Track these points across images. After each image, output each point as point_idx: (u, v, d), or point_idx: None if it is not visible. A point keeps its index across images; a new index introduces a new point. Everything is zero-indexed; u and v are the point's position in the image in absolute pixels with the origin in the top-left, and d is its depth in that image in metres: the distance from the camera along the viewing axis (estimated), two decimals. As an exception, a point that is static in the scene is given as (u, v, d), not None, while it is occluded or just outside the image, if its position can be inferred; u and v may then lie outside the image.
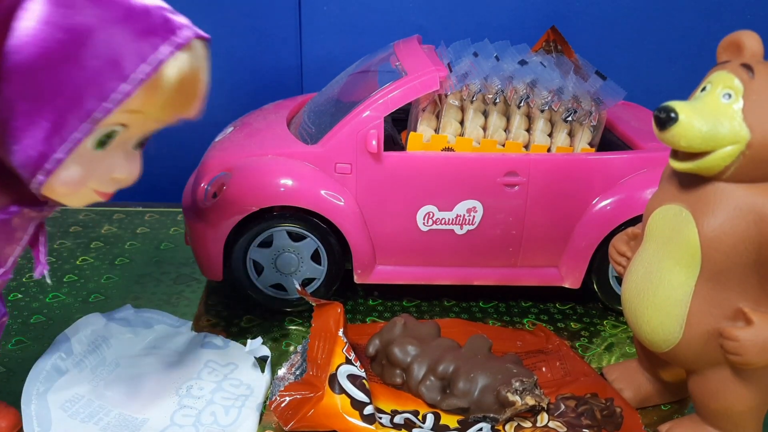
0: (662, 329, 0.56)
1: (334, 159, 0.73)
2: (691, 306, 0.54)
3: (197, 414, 0.61)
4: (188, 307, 0.77)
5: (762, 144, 0.50)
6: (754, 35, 0.54)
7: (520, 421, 0.60)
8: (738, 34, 0.55)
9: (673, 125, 0.51)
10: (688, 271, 0.54)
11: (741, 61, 0.53)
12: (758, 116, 0.51)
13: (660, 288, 0.56)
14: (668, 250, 0.56)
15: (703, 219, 0.53)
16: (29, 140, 0.43)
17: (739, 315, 0.53)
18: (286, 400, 0.61)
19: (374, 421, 0.57)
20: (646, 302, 0.57)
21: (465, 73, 0.74)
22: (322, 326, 0.65)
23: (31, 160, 0.44)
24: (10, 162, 0.45)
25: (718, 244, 0.52)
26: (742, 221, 0.52)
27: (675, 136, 0.51)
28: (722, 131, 0.51)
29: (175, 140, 1.04)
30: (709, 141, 0.51)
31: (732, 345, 0.52)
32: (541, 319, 0.78)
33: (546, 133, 0.74)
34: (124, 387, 0.63)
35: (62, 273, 0.82)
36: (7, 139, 0.44)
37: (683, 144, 0.51)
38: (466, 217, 0.74)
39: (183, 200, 0.80)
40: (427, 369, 0.63)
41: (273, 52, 1.01)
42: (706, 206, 0.53)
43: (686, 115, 0.51)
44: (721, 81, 0.53)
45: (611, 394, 0.63)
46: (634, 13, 0.99)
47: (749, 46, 0.54)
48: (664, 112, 0.51)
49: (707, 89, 0.53)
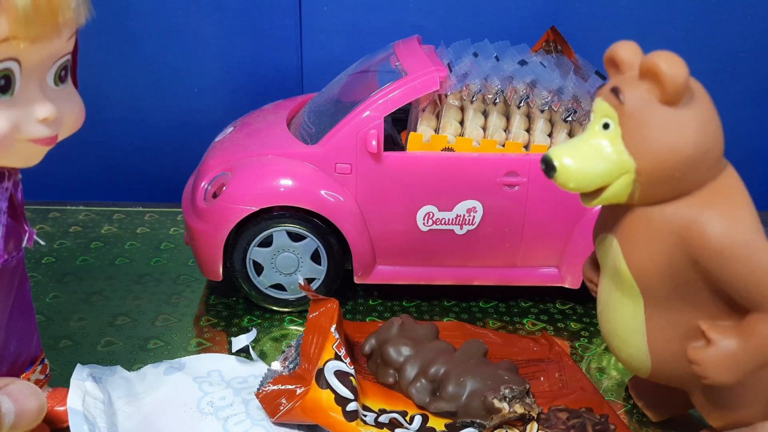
0: (632, 359, 0.54)
1: (334, 159, 0.73)
2: (648, 334, 0.52)
3: (246, 412, 0.60)
4: (188, 307, 0.77)
5: (649, 168, 0.47)
6: (628, 45, 0.50)
7: (509, 429, 0.60)
8: (612, 48, 0.51)
9: (554, 174, 0.49)
10: (634, 300, 0.52)
11: (612, 84, 0.49)
12: (637, 142, 0.47)
13: (617, 320, 0.54)
14: (613, 280, 0.53)
15: (627, 248, 0.51)
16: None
17: (700, 333, 0.51)
18: (274, 391, 0.61)
19: (356, 418, 0.58)
20: (611, 334, 0.55)
21: (465, 73, 0.74)
22: (316, 321, 0.65)
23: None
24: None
25: (647, 272, 0.50)
26: (664, 245, 0.49)
27: (562, 183, 0.49)
28: (605, 167, 0.48)
29: (175, 140, 1.04)
30: (596, 179, 0.48)
31: (696, 368, 0.50)
32: (540, 319, 0.78)
33: (546, 133, 0.74)
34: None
35: (62, 273, 0.82)
36: None
37: (573, 187, 0.49)
38: (466, 217, 0.74)
39: (183, 200, 0.80)
40: (418, 370, 0.63)
41: (273, 52, 1.01)
42: (629, 234, 0.50)
43: (567, 160, 0.48)
44: (599, 110, 0.49)
45: (607, 411, 0.63)
46: (634, 13, 0.99)
47: (625, 61, 0.50)
48: (543, 162, 0.49)
49: (591, 120, 0.50)
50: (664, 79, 0.46)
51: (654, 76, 0.47)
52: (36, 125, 0.46)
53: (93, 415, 0.58)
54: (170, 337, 0.73)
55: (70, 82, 0.49)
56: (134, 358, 0.69)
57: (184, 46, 1.00)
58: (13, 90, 0.44)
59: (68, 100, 0.48)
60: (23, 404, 0.53)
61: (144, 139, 1.04)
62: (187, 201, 0.79)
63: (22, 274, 0.55)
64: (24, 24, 0.43)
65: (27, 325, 0.57)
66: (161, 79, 1.01)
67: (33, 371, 0.58)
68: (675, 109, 0.47)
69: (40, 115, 0.46)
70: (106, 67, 0.99)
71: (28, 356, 0.58)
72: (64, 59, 0.47)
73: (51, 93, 0.47)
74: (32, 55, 0.45)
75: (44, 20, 0.43)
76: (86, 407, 0.58)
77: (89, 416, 0.57)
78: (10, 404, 0.52)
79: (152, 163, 1.05)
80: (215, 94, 1.03)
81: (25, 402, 0.53)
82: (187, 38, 1.00)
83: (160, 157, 1.05)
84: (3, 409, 0.52)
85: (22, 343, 0.56)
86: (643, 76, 0.48)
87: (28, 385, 0.54)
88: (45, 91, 0.46)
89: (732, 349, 0.49)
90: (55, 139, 0.48)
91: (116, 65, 0.99)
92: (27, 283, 0.56)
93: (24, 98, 0.45)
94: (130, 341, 0.72)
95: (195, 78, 1.02)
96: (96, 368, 0.63)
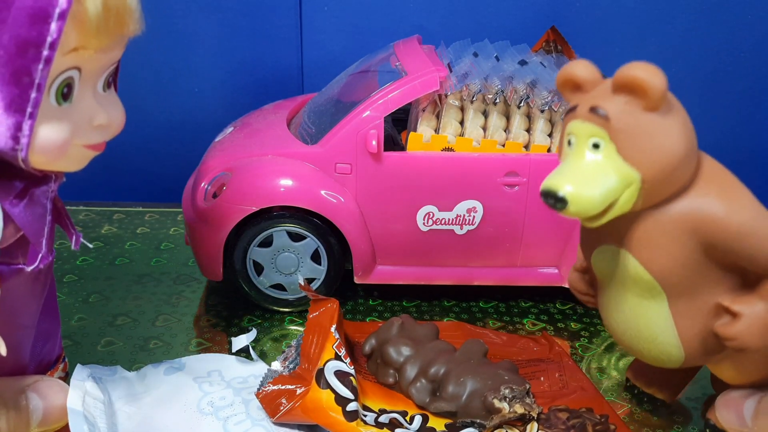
0: (663, 356, 0.55)
1: (334, 159, 0.73)
2: (678, 327, 0.53)
3: (246, 412, 0.60)
4: (188, 308, 0.77)
5: (653, 173, 0.48)
6: (584, 64, 0.51)
7: (509, 429, 0.60)
8: (567, 69, 0.51)
9: (567, 206, 0.48)
10: (656, 301, 0.53)
11: (588, 105, 0.49)
12: (635, 152, 0.48)
13: (641, 323, 0.54)
14: (626, 288, 0.54)
15: (642, 255, 0.51)
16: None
17: (722, 309, 0.52)
18: (274, 391, 0.61)
19: (356, 418, 0.58)
20: (636, 339, 0.55)
21: (465, 73, 0.74)
22: (316, 321, 0.65)
23: (2, 140, 0.43)
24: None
25: (669, 271, 0.51)
26: (679, 242, 0.50)
27: (573, 214, 0.49)
28: (612, 185, 0.48)
29: (175, 140, 1.04)
30: (605, 199, 0.48)
31: (733, 343, 0.52)
32: (541, 319, 0.78)
33: (546, 133, 0.74)
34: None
35: (62, 273, 0.82)
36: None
37: (589, 215, 0.49)
38: (466, 218, 0.74)
39: (183, 200, 0.80)
40: (418, 370, 0.63)
41: (273, 52, 1.01)
42: (640, 242, 0.51)
43: (570, 187, 0.48)
44: (582, 132, 0.49)
45: (607, 411, 0.63)
46: (634, 14, 0.99)
47: (586, 79, 0.50)
48: (551, 198, 0.48)
49: (572, 144, 0.50)
50: (648, 88, 0.47)
51: (634, 88, 0.47)
52: (91, 131, 0.47)
53: (93, 415, 0.58)
54: (170, 337, 0.73)
55: (113, 87, 0.50)
56: (134, 358, 0.69)
57: (184, 46, 1.00)
58: (72, 98, 0.46)
59: (114, 105, 0.49)
60: (51, 401, 0.54)
61: (144, 139, 1.04)
62: (187, 201, 0.79)
63: (51, 276, 0.56)
64: (95, 35, 0.44)
65: (53, 325, 0.58)
66: (161, 79, 1.01)
67: (57, 369, 0.59)
68: (658, 114, 0.48)
69: (96, 122, 0.47)
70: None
71: (53, 355, 0.58)
72: (114, 66, 0.49)
73: (100, 99, 0.48)
74: (93, 64, 0.46)
75: (113, 32, 0.45)
76: (86, 407, 0.58)
77: (89, 416, 0.57)
78: (38, 401, 0.53)
79: (152, 163, 1.05)
80: (215, 94, 1.03)
81: (53, 399, 0.54)
82: (187, 38, 1.00)
83: (160, 157, 1.05)
84: (31, 405, 0.53)
85: (48, 343, 0.57)
86: (619, 89, 0.48)
87: (56, 381, 0.55)
88: (97, 98, 0.48)
89: (761, 313, 0.51)
90: (105, 144, 0.49)
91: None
92: (54, 283, 0.57)
93: (81, 105, 0.46)
94: (130, 341, 0.72)
95: (195, 78, 1.02)
96: (96, 368, 0.63)
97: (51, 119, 0.44)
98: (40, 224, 0.49)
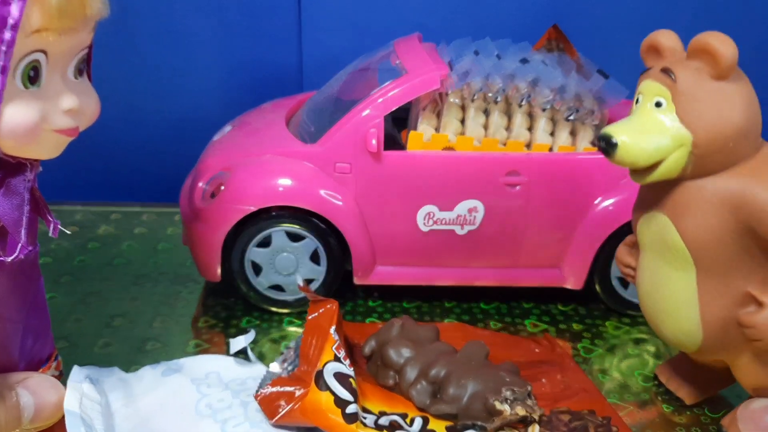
0: (682, 333, 0.56)
1: (333, 158, 0.72)
2: (701, 304, 0.54)
3: (244, 414, 0.60)
4: (186, 308, 0.77)
5: (706, 140, 0.51)
6: (669, 34, 0.55)
7: (510, 431, 0.59)
8: (653, 36, 0.56)
9: (616, 151, 0.52)
10: (686, 273, 0.54)
11: (661, 66, 0.53)
12: (692, 115, 0.51)
13: (666, 294, 0.56)
14: (662, 256, 0.56)
15: (680, 222, 0.53)
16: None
17: (750, 299, 0.53)
18: (273, 393, 0.60)
19: (355, 420, 0.57)
20: (659, 310, 0.57)
21: (466, 72, 0.74)
22: (315, 322, 0.64)
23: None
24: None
25: (702, 243, 0.53)
26: (718, 216, 0.52)
27: (621, 160, 0.52)
28: (663, 141, 0.52)
29: (174, 140, 1.04)
30: (654, 154, 0.52)
31: (751, 332, 0.53)
32: (542, 320, 0.77)
33: (548, 132, 0.74)
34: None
35: (58, 274, 0.81)
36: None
37: (630, 163, 0.53)
38: (467, 217, 0.74)
39: (180, 200, 0.79)
40: (419, 372, 0.62)
41: (273, 51, 1.01)
42: (681, 208, 0.53)
43: (625, 137, 0.52)
44: (649, 90, 0.54)
45: (609, 413, 0.62)
46: (635, 12, 0.99)
47: (667, 47, 0.55)
48: (603, 140, 0.53)
49: (639, 101, 0.54)
50: (718, 56, 0.50)
51: (707, 54, 0.51)
52: (61, 116, 0.47)
53: (90, 417, 0.57)
54: (168, 338, 0.72)
55: (86, 75, 0.50)
56: (132, 359, 0.69)
57: (184, 46, 1.00)
58: (40, 81, 0.46)
59: (86, 93, 0.49)
60: (42, 397, 0.54)
61: (142, 138, 1.03)
62: (184, 201, 0.78)
63: (37, 271, 0.56)
64: (56, 16, 0.44)
65: (42, 322, 0.57)
66: (160, 78, 1.01)
67: (48, 367, 0.58)
68: (725, 84, 0.52)
69: (65, 106, 0.47)
70: (104, 67, 0.98)
71: (44, 353, 0.58)
72: (83, 52, 0.49)
73: (72, 85, 0.48)
74: (59, 47, 0.46)
75: (75, 12, 0.45)
76: (83, 409, 0.58)
77: (86, 418, 0.57)
78: (29, 398, 0.53)
79: (150, 162, 1.05)
80: (215, 93, 1.03)
81: (44, 395, 0.54)
82: (187, 37, 0.99)
83: (158, 156, 1.04)
84: (22, 402, 0.52)
85: (38, 340, 0.57)
86: (693, 55, 0.52)
87: (47, 378, 0.55)
88: (67, 83, 0.48)
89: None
90: (77, 130, 0.49)
91: (115, 64, 0.98)
92: (41, 279, 0.57)
93: (49, 90, 0.46)
94: (127, 342, 0.71)
95: (194, 77, 1.01)
96: (93, 370, 0.63)
97: (18, 102, 0.45)
98: (18, 213, 0.49)
